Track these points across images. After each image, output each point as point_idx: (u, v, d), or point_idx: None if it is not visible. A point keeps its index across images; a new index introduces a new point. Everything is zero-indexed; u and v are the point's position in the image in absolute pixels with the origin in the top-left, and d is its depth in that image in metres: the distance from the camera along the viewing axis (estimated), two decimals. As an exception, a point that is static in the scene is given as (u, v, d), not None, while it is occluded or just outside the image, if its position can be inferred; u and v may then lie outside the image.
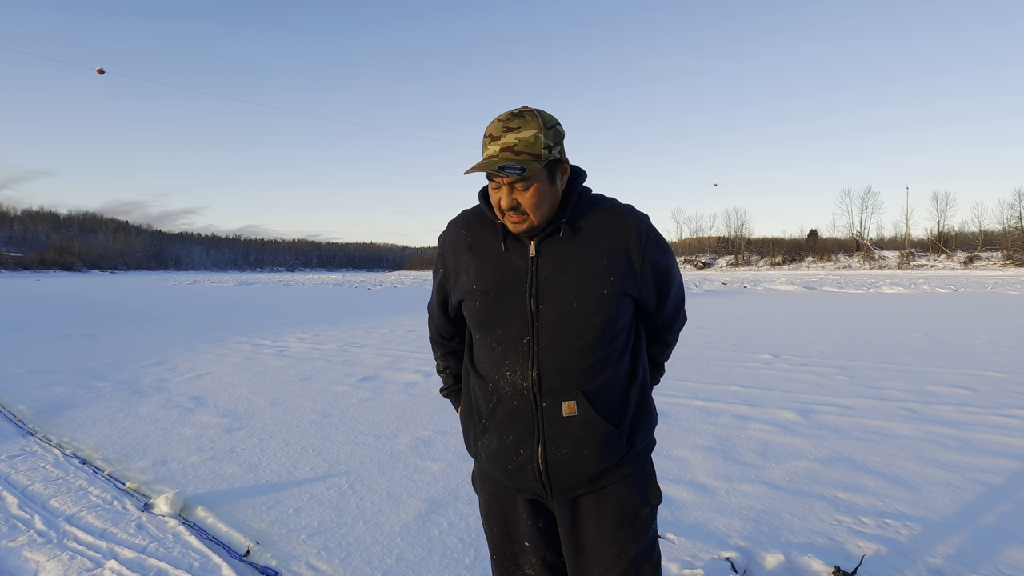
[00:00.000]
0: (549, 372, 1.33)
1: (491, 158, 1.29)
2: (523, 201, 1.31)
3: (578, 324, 1.32)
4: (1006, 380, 6.24)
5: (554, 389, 1.33)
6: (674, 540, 2.73)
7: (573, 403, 1.33)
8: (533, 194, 1.31)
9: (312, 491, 3.36)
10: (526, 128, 1.28)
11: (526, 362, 1.34)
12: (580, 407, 1.33)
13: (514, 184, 1.30)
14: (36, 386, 6.32)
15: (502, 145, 1.28)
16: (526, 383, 1.34)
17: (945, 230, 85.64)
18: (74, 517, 3.03)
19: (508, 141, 1.28)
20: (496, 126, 1.30)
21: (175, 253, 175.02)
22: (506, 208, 1.31)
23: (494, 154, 1.29)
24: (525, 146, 1.27)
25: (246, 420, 4.93)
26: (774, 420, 4.76)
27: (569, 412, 1.33)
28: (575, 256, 1.35)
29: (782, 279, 44.50)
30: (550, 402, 1.33)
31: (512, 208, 1.31)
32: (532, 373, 1.33)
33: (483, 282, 1.38)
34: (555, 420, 1.34)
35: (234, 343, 9.86)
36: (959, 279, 42.83)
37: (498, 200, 1.32)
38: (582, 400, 1.33)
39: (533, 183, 1.30)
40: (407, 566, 2.53)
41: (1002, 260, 71.82)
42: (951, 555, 2.56)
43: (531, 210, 1.31)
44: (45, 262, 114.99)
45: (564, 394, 1.33)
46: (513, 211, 1.31)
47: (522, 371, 1.34)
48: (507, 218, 1.34)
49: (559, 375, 1.33)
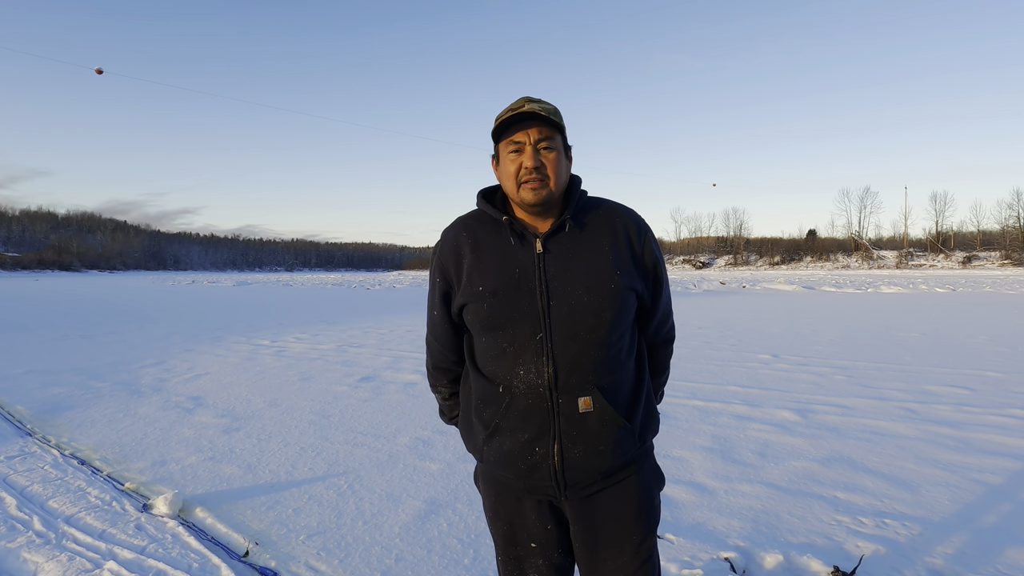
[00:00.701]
0: (565, 368, 1.33)
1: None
2: (547, 163, 1.34)
3: (589, 319, 1.33)
4: (1004, 380, 6.25)
5: (570, 385, 1.33)
6: (673, 540, 2.73)
7: (589, 399, 1.34)
8: (556, 158, 1.35)
9: (311, 491, 3.36)
10: (546, 103, 1.37)
11: (541, 359, 1.33)
12: (596, 402, 1.34)
13: (538, 145, 1.33)
14: (35, 386, 6.31)
15: (528, 108, 1.32)
16: (541, 380, 1.34)
17: (943, 230, 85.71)
18: (73, 518, 3.03)
19: (533, 107, 1.32)
20: (516, 102, 1.36)
21: (174, 253, 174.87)
22: (531, 167, 1.32)
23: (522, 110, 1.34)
24: (551, 112, 1.34)
25: (245, 420, 4.93)
26: (773, 420, 4.76)
27: (585, 408, 1.34)
28: (581, 252, 1.37)
29: (781, 279, 44.54)
30: (566, 398, 1.34)
31: (536, 168, 1.32)
32: (548, 370, 1.33)
33: (490, 282, 1.37)
34: (571, 416, 1.34)
35: (233, 343, 9.85)
36: (957, 279, 42.88)
37: (518, 166, 1.34)
38: (598, 395, 1.34)
39: (557, 147, 1.36)
40: (406, 567, 2.53)
41: (1000, 260, 71.87)
42: (950, 555, 2.57)
43: (553, 174, 1.34)
44: (43, 262, 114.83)
45: (580, 390, 1.34)
46: (537, 172, 1.32)
47: (537, 369, 1.34)
48: (526, 186, 1.33)
49: (574, 371, 1.33)
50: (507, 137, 1.36)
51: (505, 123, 1.34)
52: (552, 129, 1.35)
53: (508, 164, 1.36)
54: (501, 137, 1.37)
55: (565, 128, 1.40)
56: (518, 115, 1.32)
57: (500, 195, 1.48)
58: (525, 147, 1.34)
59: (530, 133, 1.33)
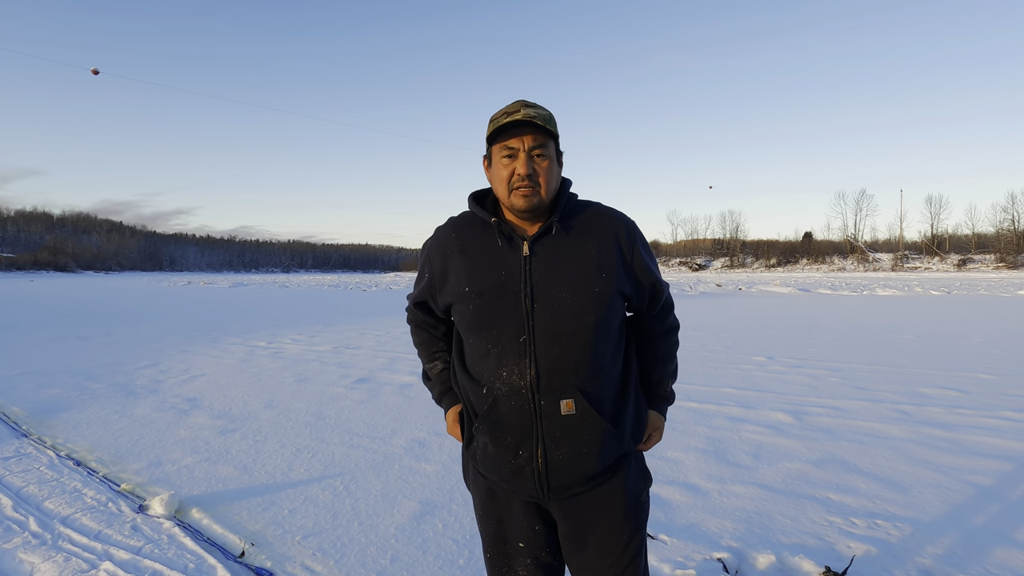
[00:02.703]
0: (547, 370, 1.34)
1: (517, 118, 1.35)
2: (540, 171, 1.36)
3: (572, 322, 1.34)
4: (997, 382, 6.29)
5: (552, 387, 1.34)
6: (666, 541, 2.75)
7: (571, 401, 1.34)
8: (549, 166, 1.37)
9: (307, 492, 3.37)
10: (541, 109, 1.38)
11: (523, 361, 1.34)
12: (579, 405, 1.35)
13: (532, 152, 1.36)
14: (30, 387, 6.30)
15: (524, 115, 1.34)
16: (524, 382, 1.35)
17: (938, 232, 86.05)
18: (69, 519, 3.03)
19: (529, 113, 1.34)
20: (511, 105, 1.38)
21: (169, 254, 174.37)
22: (524, 174, 1.34)
23: (518, 117, 1.35)
24: (546, 120, 1.36)
25: (241, 422, 4.93)
26: (767, 422, 4.79)
27: (567, 410, 1.34)
28: (568, 255, 1.38)
29: (776, 281, 44.67)
30: (548, 400, 1.35)
31: (529, 176, 1.34)
32: (530, 372, 1.34)
33: (476, 284, 1.39)
34: (554, 418, 1.35)
35: (229, 344, 9.84)
36: (952, 281, 43.06)
37: (510, 172, 1.36)
38: (580, 398, 1.35)
39: (550, 155, 1.38)
40: (402, 567, 2.54)
41: (995, 263, 72.16)
42: (940, 555, 2.59)
43: (545, 182, 1.37)
44: (39, 263, 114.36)
45: (562, 392, 1.34)
46: (529, 179, 1.35)
47: (519, 370, 1.35)
48: (518, 192, 1.35)
49: (557, 373, 1.34)
50: (501, 141, 1.37)
51: (500, 128, 1.35)
52: (546, 137, 1.37)
53: (501, 169, 1.38)
54: (495, 140, 1.38)
55: (559, 136, 1.42)
56: (513, 122, 1.33)
57: (491, 198, 1.49)
58: (519, 153, 1.35)
59: (525, 140, 1.35)
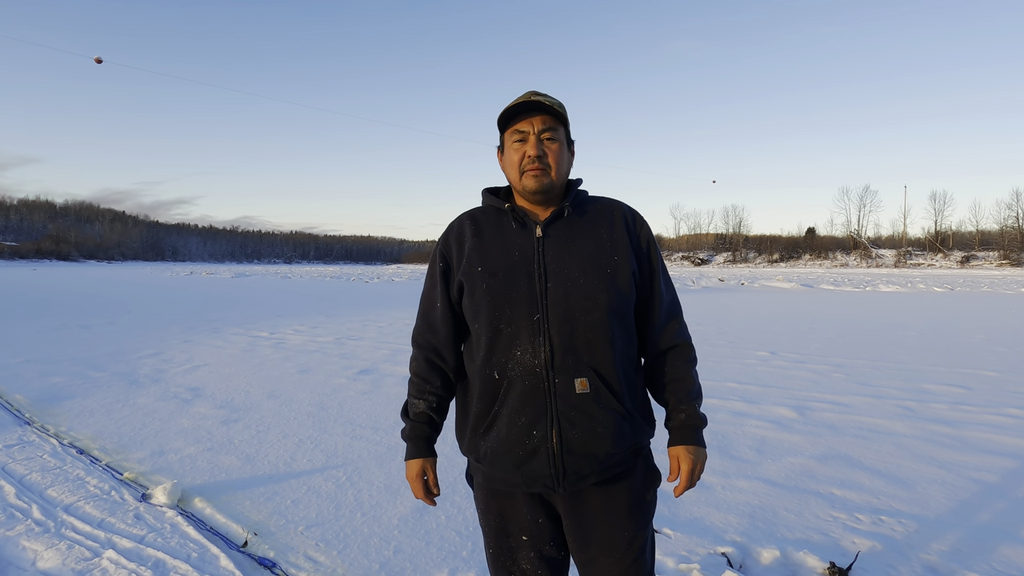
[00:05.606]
0: (560, 349, 1.35)
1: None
2: (550, 152, 1.40)
3: (585, 301, 1.36)
4: (1001, 379, 6.27)
5: (566, 366, 1.35)
6: (671, 535, 2.75)
7: (585, 380, 1.35)
8: (559, 149, 1.42)
9: (310, 483, 3.37)
10: (551, 97, 1.43)
11: (537, 339, 1.35)
12: (592, 384, 1.35)
13: (542, 135, 1.39)
14: (33, 376, 6.31)
15: (533, 98, 1.39)
16: (538, 361, 1.35)
17: (942, 229, 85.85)
18: (72, 507, 3.03)
19: (539, 99, 1.39)
20: (522, 95, 1.43)
21: (172, 244, 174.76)
22: (534, 155, 1.38)
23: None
24: (555, 104, 1.41)
25: (244, 412, 4.93)
26: (770, 417, 4.78)
27: (582, 388, 1.35)
28: (580, 237, 1.42)
29: (779, 276, 44.58)
30: (563, 379, 1.35)
31: (539, 157, 1.38)
32: (544, 350, 1.35)
33: (490, 264, 1.41)
34: (568, 397, 1.35)
35: (231, 335, 9.85)
36: (956, 278, 42.96)
37: (521, 155, 1.40)
38: (594, 377, 1.35)
39: (559, 139, 1.42)
40: (404, 558, 2.54)
41: (999, 260, 72.01)
42: (945, 552, 2.58)
43: (555, 164, 1.40)
44: (41, 252, 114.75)
45: (576, 371, 1.35)
46: (539, 160, 1.39)
47: (533, 349, 1.35)
48: (529, 173, 1.39)
49: (570, 352, 1.35)
50: (512, 127, 1.43)
51: (510, 112, 1.40)
52: (556, 120, 1.42)
53: (512, 153, 1.42)
54: (506, 127, 1.44)
55: (569, 122, 1.46)
56: (523, 105, 1.38)
57: (504, 190, 1.54)
58: (529, 136, 1.40)
59: (534, 123, 1.40)
